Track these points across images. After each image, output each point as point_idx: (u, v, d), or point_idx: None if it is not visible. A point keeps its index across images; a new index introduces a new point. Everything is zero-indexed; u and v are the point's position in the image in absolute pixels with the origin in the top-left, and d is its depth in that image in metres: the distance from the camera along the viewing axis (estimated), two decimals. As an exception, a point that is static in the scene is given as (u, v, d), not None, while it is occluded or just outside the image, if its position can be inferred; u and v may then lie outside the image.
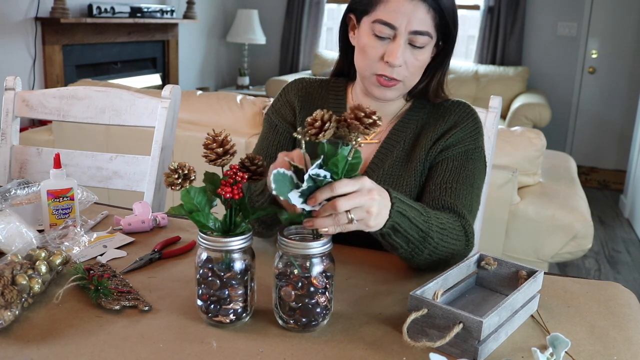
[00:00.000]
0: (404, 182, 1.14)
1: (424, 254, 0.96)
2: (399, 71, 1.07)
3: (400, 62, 1.06)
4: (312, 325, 0.83)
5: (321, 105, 1.22)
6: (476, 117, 1.17)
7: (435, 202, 1.08)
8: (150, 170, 1.48)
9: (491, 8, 4.92)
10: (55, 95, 1.55)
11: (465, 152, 1.13)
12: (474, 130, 1.15)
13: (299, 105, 1.22)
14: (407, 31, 1.04)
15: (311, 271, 0.82)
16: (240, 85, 5.40)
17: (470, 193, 1.11)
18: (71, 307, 0.88)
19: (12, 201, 1.21)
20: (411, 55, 1.07)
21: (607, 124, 4.84)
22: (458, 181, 1.10)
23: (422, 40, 1.05)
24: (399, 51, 1.05)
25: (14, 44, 3.38)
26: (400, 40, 1.05)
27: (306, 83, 1.25)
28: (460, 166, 1.12)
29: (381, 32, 1.05)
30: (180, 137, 2.48)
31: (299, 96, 1.23)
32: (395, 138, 1.17)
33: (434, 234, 0.95)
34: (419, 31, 1.04)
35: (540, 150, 2.31)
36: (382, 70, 1.07)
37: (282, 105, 1.24)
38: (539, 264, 2.32)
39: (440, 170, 1.12)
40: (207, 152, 0.81)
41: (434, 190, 1.10)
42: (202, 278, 0.84)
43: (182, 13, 4.72)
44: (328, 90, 1.24)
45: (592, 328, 0.88)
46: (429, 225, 0.94)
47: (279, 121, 1.23)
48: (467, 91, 4.78)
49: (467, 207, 1.09)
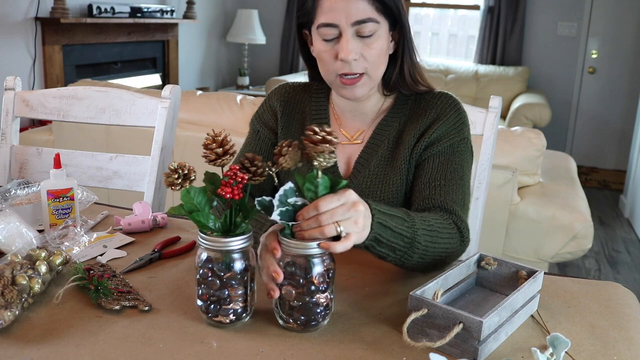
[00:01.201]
0: (391, 181, 1.14)
1: (414, 259, 0.95)
2: (356, 65, 1.07)
3: (354, 56, 1.05)
4: (312, 325, 0.83)
5: (302, 109, 1.23)
6: (459, 107, 1.16)
7: (425, 201, 1.08)
8: (150, 170, 1.48)
9: (491, 8, 4.92)
10: (55, 95, 1.55)
11: (450, 145, 1.13)
12: (457, 121, 1.14)
13: (280, 110, 1.24)
14: (349, 24, 1.04)
15: (312, 271, 0.82)
16: (240, 85, 5.40)
17: (460, 187, 1.10)
18: (71, 307, 0.88)
19: (12, 201, 1.21)
20: (364, 46, 1.06)
21: (607, 124, 4.84)
22: (446, 177, 1.09)
23: (368, 28, 1.05)
24: (347, 46, 1.04)
25: (14, 44, 3.37)
26: (347, 35, 1.05)
27: (289, 88, 1.26)
28: (447, 161, 1.11)
29: (327, 34, 1.06)
30: (180, 137, 2.48)
31: (280, 101, 1.25)
32: (379, 137, 1.17)
33: (420, 238, 0.94)
34: (360, 20, 1.04)
35: (540, 150, 2.30)
36: (341, 69, 1.07)
37: (265, 111, 1.27)
38: (539, 264, 2.32)
39: (428, 168, 1.11)
40: (207, 152, 0.81)
41: (423, 189, 1.10)
42: (202, 278, 0.84)
43: (182, 13, 4.72)
44: (310, 95, 1.25)
45: (592, 328, 0.88)
46: (414, 231, 0.93)
47: (261, 127, 1.25)
48: (467, 91, 4.78)
49: (459, 203, 1.08)
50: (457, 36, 5.35)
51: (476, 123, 1.39)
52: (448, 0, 5.26)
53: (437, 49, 5.43)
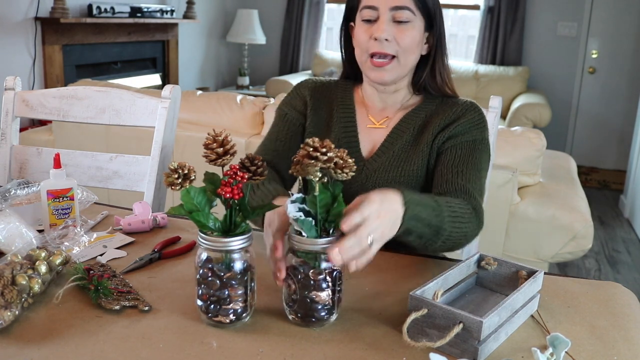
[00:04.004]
0: (412, 162, 1.20)
1: (437, 243, 1.01)
2: (388, 46, 1.15)
3: (386, 35, 1.14)
4: (312, 321, 0.84)
5: (330, 98, 1.30)
6: (482, 112, 1.23)
7: (447, 184, 1.14)
8: (150, 170, 1.48)
9: (491, 8, 4.92)
10: (55, 95, 1.55)
11: (473, 141, 1.19)
12: (479, 122, 1.21)
13: (309, 97, 1.30)
14: (387, 8, 1.14)
15: (318, 266, 0.83)
16: (240, 85, 5.40)
17: (478, 178, 1.16)
18: (71, 307, 0.88)
19: (12, 201, 1.21)
20: (398, 31, 1.15)
21: (607, 124, 4.84)
22: (467, 166, 1.16)
23: (404, 15, 1.14)
24: (383, 25, 1.14)
25: (14, 44, 3.38)
26: (384, 17, 1.15)
27: (317, 81, 1.35)
28: (468, 154, 1.18)
29: (367, 16, 1.16)
30: (180, 137, 2.48)
31: (309, 90, 1.32)
32: (404, 125, 1.24)
33: (446, 225, 0.99)
34: (398, 6, 1.14)
35: (540, 150, 2.30)
36: (373, 48, 1.16)
37: (294, 98, 1.32)
38: (539, 264, 2.31)
39: (450, 156, 1.18)
40: (208, 152, 0.81)
41: (445, 173, 1.16)
42: (202, 278, 0.84)
43: (182, 13, 4.72)
44: (337, 87, 1.32)
45: (592, 328, 0.88)
46: (442, 218, 0.97)
47: (290, 110, 1.31)
48: (467, 91, 4.78)
49: (477, 189, 1.14)
50: (457, 36, 5.35)
51: (476, 123, 1.39)
52: (448, 0, 5.26)
53: (437, 49, 5.42)
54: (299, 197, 0.83)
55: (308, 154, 0.80)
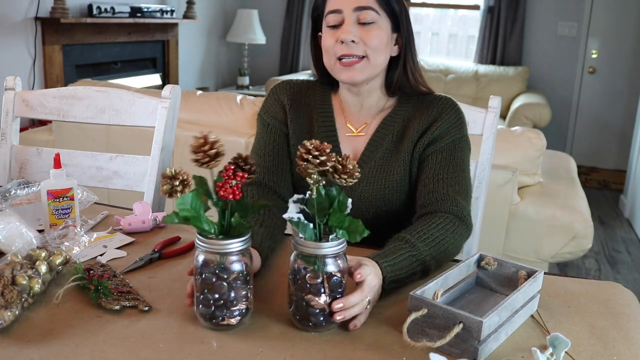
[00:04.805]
0: (394, 172, 1.21)
1: (431, 271, 1.03)
2: (356, 47, 1.15)
3: (352, 37, 1.14)
4: (310, 325, 0.84)
5: (309, 102, 1.28)
6: (457, 108, 1.24)
7: (430, 194, 1.15)
8: (150, 170, 1.48)
9: (491, 8, 4.91)
10: (55, 95, 1.55)
11: (452, 142, 1.20)
12: (456, 120, 1.21)
13: (288, 103, 1.28)
14: (351, 10, 1.15)
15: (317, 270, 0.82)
16: (240, 85, 5.39)
17: (462, 178, 1.18)
18: (71, 307, 0.88)
19: (12, 201, 1.21)
20: (364, 32, 1.15)
21: (607, 124, 4.83)
22: (449, 171, 1.17)
23: (369, 15, 1.15)
24: (347, 27, 1.14)
25: (14, 44, 3.37)
26: (349, 20, 1.15)
27: (293, 84, 1.32)
28: (449, 157, 1.19)
29: (332, 21, 1.16)
30: (180, 137, 2.47)
31: (287, 95, 1.29)
32: (383, 131, 1.24)
33: (430, 259, 1.01)
34: (361, 6, 1.14)
35: (540, 150, 2.30)
36: (341, 51, 1.15)
37: (272, 105, 1.29)
38: (539, 264, 2.31)
39: (431, 164, 1.19)
40: (199, 156, 0.78)
41: (427, 183, 1.17)
42: (205, 283, 0.83)
43: (182, 13, 4.72)
44: (315, 90, 1.30)
45: (592, 328, 0.88)
46: (423, 259, 1.00)
47: (271, 120, 1.28)
48: (467, 91, 4.78)
49: (461, 193, 1.15)
50: (457, 36, 5.35)
51: (476, 123, 1.39)
52: (448, 0, 5.26)
53: (437, 49, 5.43)
54: (300, 197, 0.82)
55: (301, 155, 0.79)
